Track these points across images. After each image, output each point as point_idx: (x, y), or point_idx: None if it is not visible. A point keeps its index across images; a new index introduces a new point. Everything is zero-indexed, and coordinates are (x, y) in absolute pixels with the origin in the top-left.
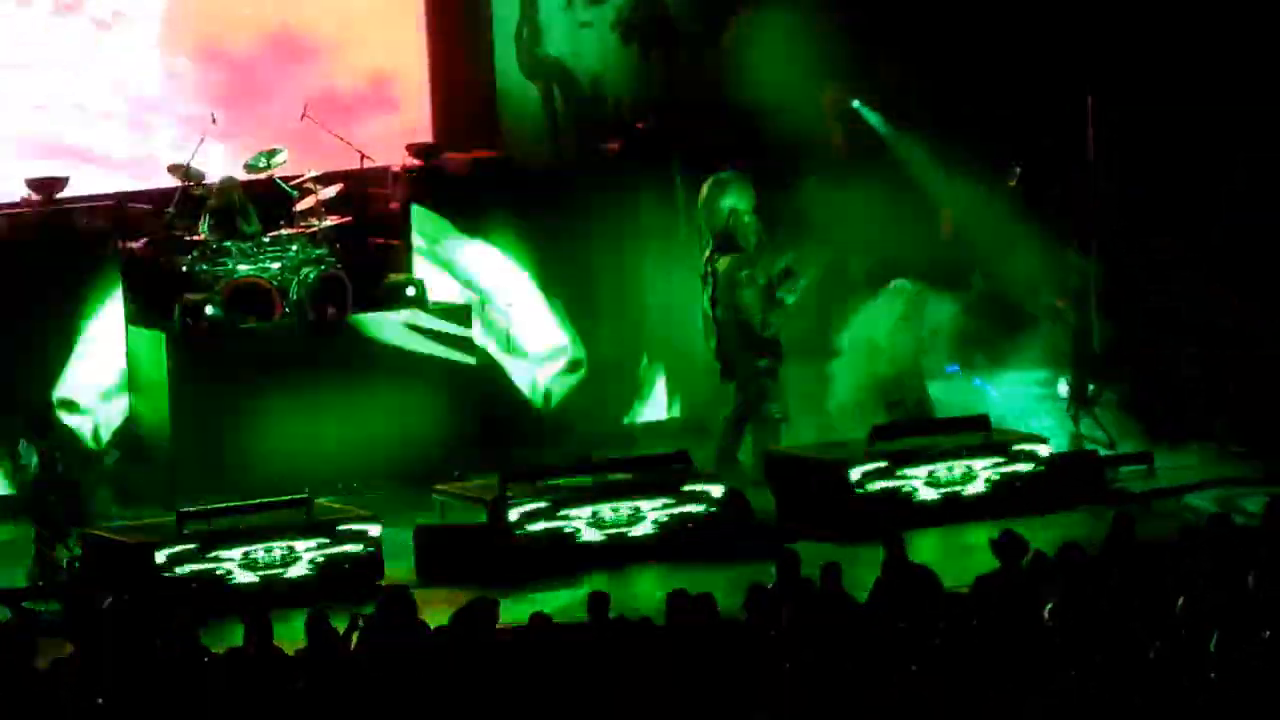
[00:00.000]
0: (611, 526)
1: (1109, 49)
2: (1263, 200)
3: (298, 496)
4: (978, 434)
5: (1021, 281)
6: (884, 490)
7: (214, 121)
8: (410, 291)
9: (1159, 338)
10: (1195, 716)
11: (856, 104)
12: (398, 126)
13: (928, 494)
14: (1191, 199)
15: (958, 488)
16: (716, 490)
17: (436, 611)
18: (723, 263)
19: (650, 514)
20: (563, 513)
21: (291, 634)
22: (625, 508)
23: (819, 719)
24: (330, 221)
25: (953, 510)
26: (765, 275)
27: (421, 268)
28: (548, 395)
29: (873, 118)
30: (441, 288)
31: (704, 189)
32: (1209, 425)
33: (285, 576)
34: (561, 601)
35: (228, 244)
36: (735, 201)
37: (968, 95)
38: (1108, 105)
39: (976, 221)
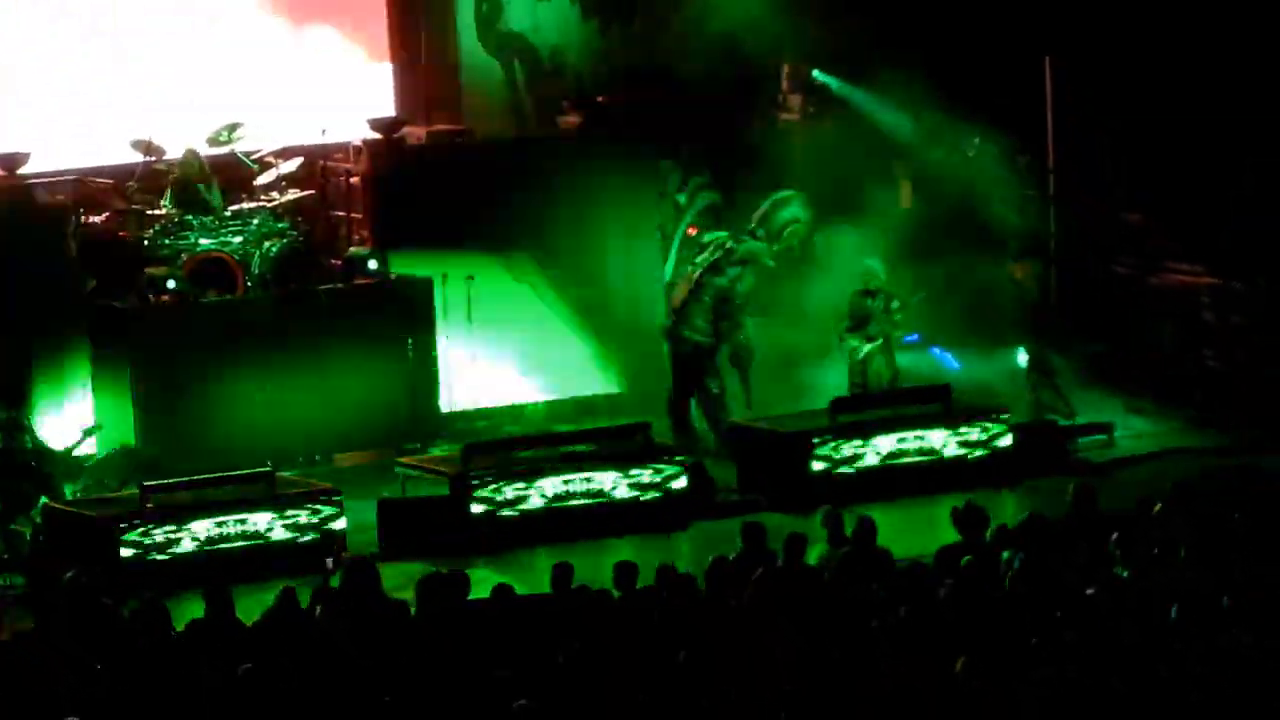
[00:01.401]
0: (573, 498)
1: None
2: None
3: (260, 470)
4: (938, 404)
5: (982, 250)
6: (845, 462)
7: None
8: (372, 264)
9: (1130, 307)
10: (1165, 691)
11: (817, 73)
12: (359, 100)
13: (888, 465)
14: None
15: (918, 459)
16: (678, 461)
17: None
18: (751, 244)
19: (612, 485)
20: (524, 484)
21: (256, 607)
22: (587, 479)
23: (788, 691)
24: (291, 195)
25: (913, 481)
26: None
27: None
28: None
29: (835, 84)
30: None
31: (796, 196)
32: (1183, 396)
33: (247, 549)
34: (525, 573)
35: (189, 218)
36: (804, 225)
37: (940, 64)
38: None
39: (939, 190)
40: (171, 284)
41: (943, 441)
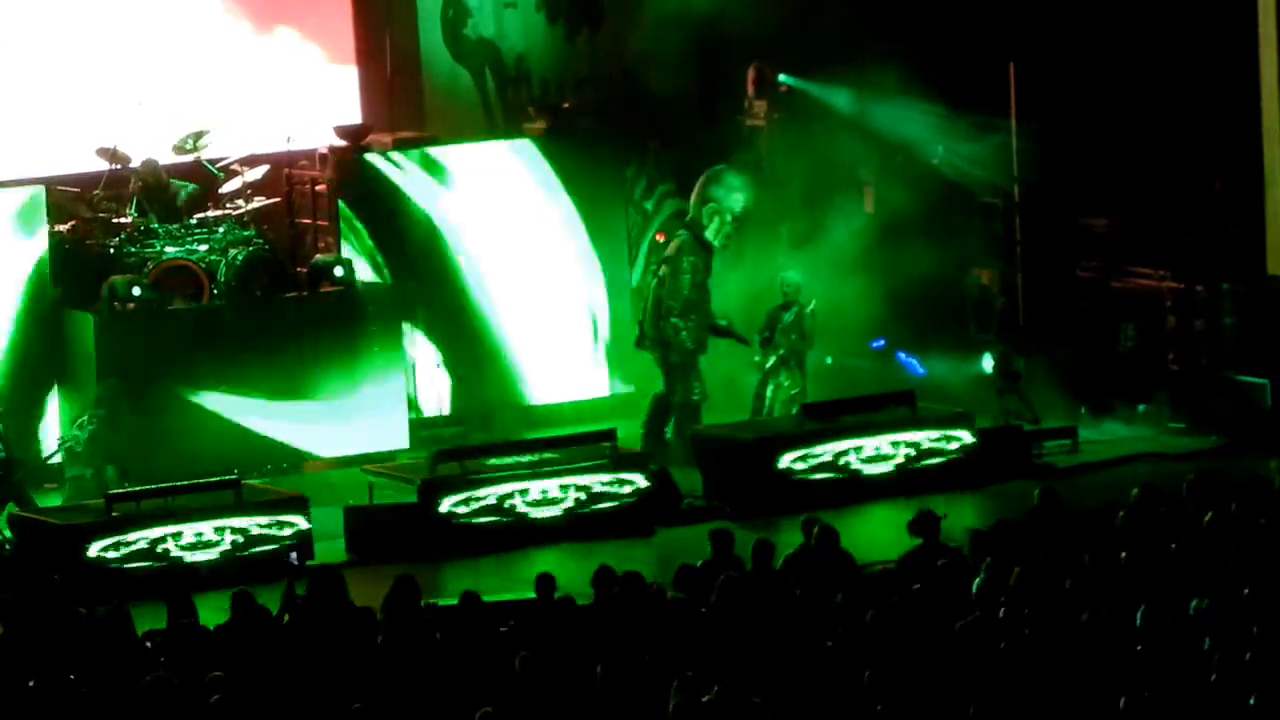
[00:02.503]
0: (539, 505)
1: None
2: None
3: (227, 478)
4: (903, 410)
5: (947, 255)
6: (812, 468)
7: (140, 104)
8: (338, 272)
9: (1093, 310)
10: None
11: (784, 77)
12: (325, 108)
13: (854, 471)
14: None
15: (884, 464)
16: (642, 467)
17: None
18: (677, 243)
19: (578, 492)
20: (491, 491)
21: (221, 615)
22: (553, 486)
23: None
24: (257, 203)
25: (878, 487)
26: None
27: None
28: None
29: (801, 84)
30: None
31: (709, 174)
32: (1145, 399)
33: (213, 558)
34: (494, 580)
35: (155, 226)
36: (725, 198)
37: (911, 64)
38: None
39: (904, 195)
40: (137, 291)
41: (907, 447)
